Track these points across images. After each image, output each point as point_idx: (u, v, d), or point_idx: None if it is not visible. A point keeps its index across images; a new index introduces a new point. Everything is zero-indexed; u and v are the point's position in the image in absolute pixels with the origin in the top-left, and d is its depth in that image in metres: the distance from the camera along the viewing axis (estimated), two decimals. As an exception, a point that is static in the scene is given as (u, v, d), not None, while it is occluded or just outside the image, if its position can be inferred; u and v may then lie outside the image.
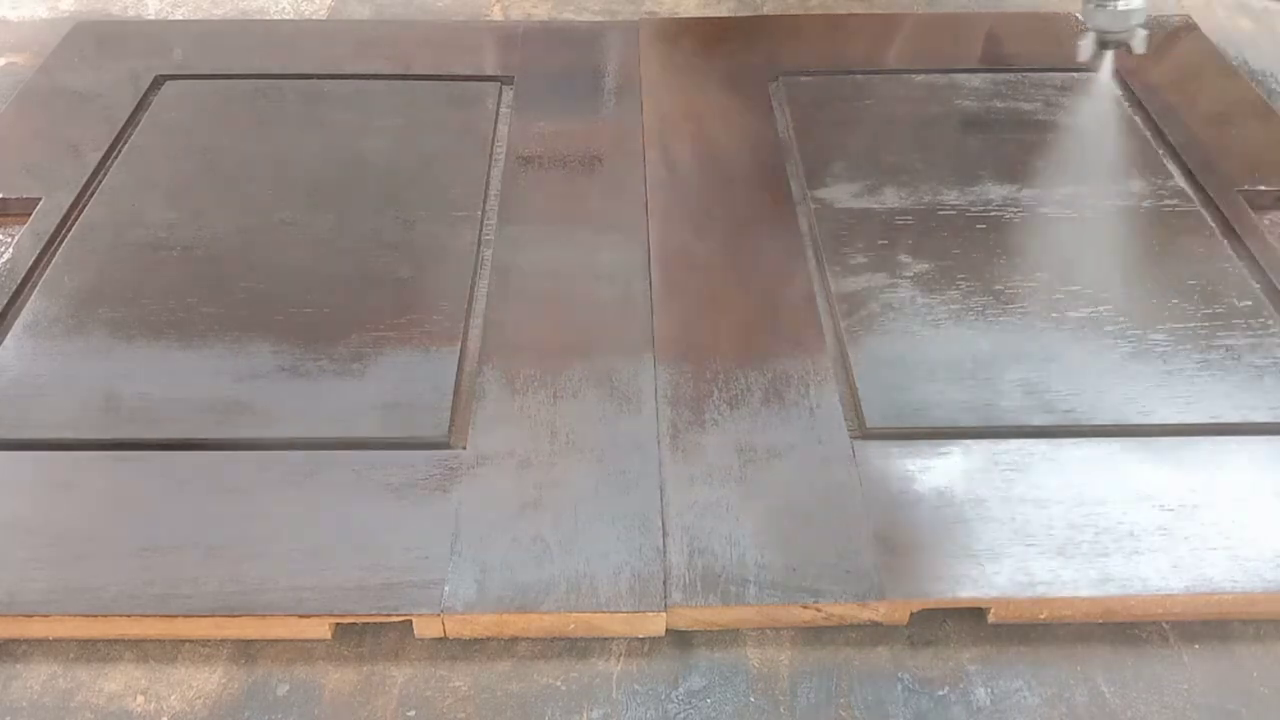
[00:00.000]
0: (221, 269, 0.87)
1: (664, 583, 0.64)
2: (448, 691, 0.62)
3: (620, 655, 0.64)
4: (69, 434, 0.73)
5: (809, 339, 0.81)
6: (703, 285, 0.86)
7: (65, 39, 1.17)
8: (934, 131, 1.04)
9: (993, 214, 0.93)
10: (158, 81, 1.09)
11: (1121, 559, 0.65)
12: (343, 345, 0.79)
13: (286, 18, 1.30)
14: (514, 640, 0.65)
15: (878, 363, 0.78)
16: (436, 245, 0.89)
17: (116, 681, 0.62)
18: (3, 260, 0.87)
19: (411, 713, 0.61)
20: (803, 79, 1.11)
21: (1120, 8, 1.01)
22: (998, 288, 0.85)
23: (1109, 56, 1.07)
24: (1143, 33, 1.02)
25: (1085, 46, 1.05)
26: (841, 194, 0.95)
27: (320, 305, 0.83)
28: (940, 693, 0.62)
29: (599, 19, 1.29)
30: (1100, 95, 1.08)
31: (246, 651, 0.64)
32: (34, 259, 0.87)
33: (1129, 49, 1.04)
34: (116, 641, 0.64)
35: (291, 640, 0.64)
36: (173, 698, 0.62)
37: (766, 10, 1.32)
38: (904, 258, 0.88)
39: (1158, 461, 0.72)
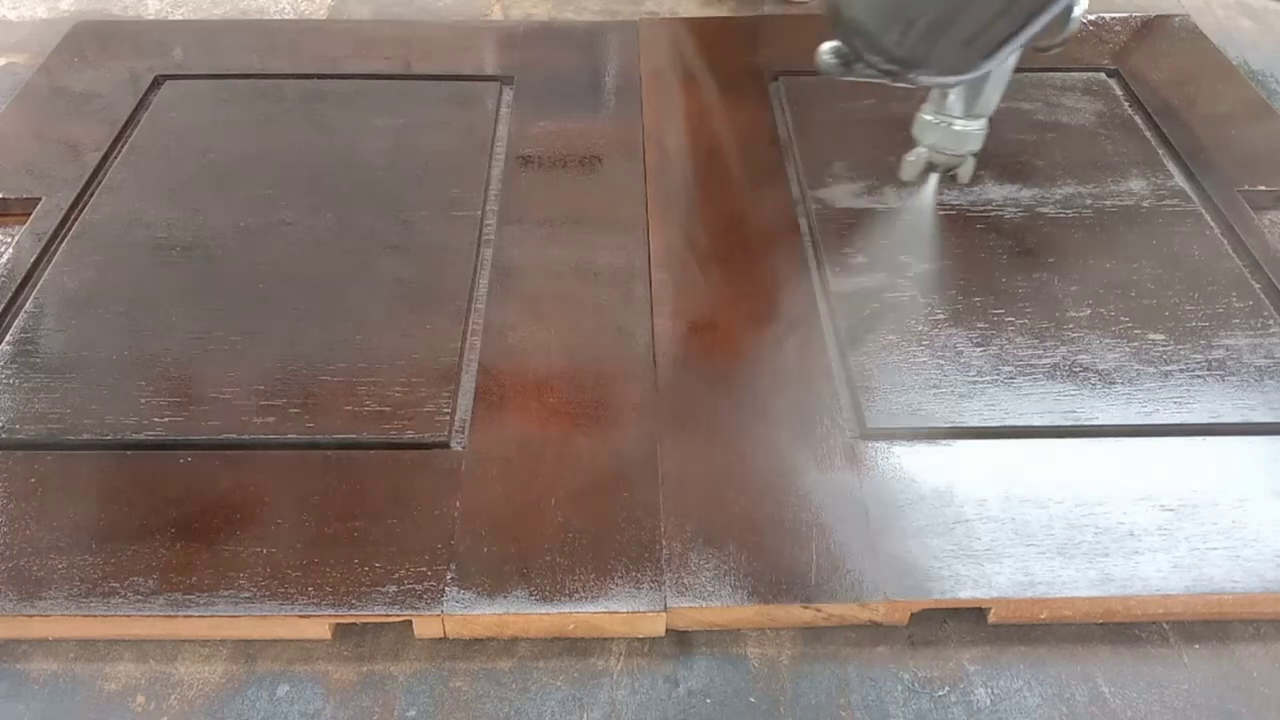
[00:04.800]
0: (221, 269, 0.87)
1: (664, 583, 0.64)
2: (448, 691, 0.62)
3: (620, 655, 0.64)
4: (68, 434, 0.73)
5: (809, 338, 0.81)
6: (703, 285, 0.86)
7: (65, 39, 1.17)
8: (934, 131, 1.03)
9: (993, 214, 0.93)
10: (158, 81, 1.09)
11: (1121, 559, 0.65)
12: (342, 345, 0.79)
13: (286, 18, 1.30)
14: (514, 640, 0.65)
15: (878, 363, 0.78)
16: (436, 245, 0.89)
17: (116, 681, 0.63)
18: (3, 260, 0.87)
19: (411, 713, 0.61)
20: (803, 79, 1.11)
21: (958, 128, 0.82)
22: (998, 288, 0.85)
23: (933, 180, 0.91)
24: (972, 162, 0.86)
25: (911, 165, 0.87)
26: (841, 194, 0.95)
27: (320, 305, 0.83)
28: (940, 693, 0.62)
29: (599, 19, 1.29)
30: (1100, 95, 1.08)
31: (246, 651, 0.64)
32: (34, 259, 0.87)
33: (954, 177, 0.87)
34: (116, 641, 0.64)
35: (291, 640, 0.64)
36: (173, 698, 0.62)
37: (766, 10, 1.32)
38: (904, 258, 0.88)
39: (1158, 461, 0.72)
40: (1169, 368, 0.78)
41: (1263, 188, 0.96)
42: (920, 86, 0.79)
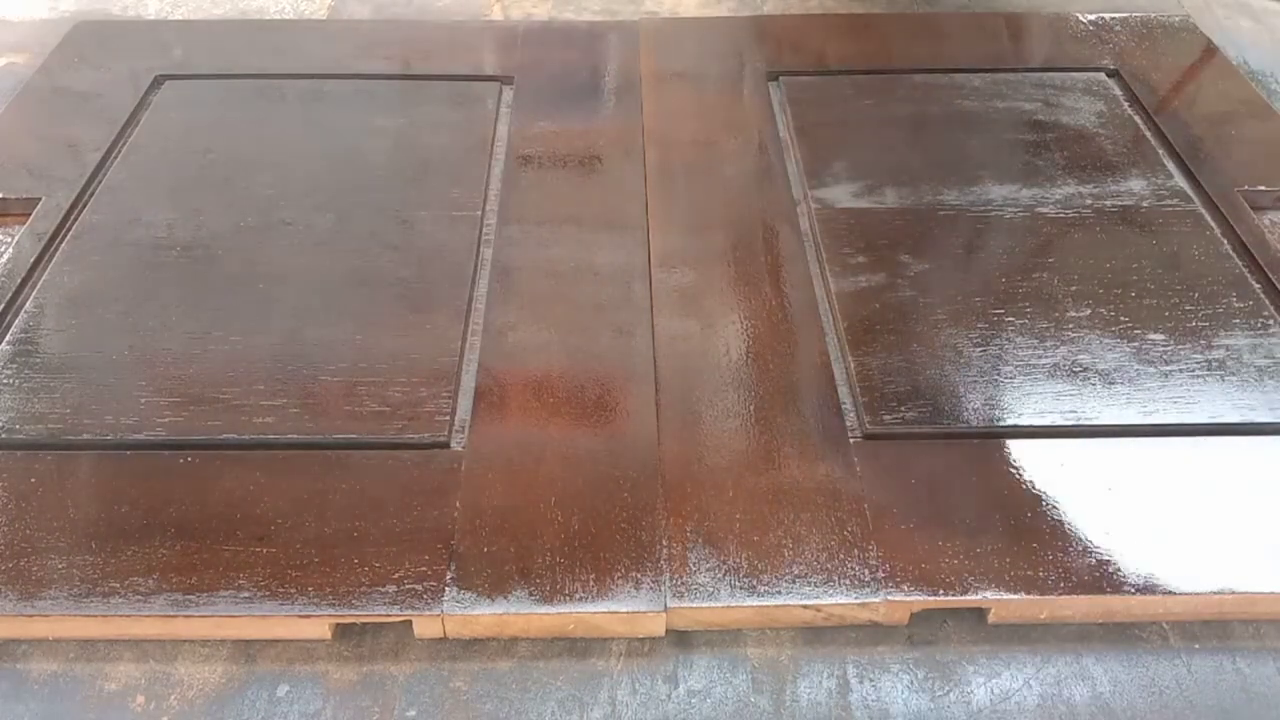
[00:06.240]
0: (221, 269, 0.87)
1: (664, 583, 0.64)
2: (448, 691, 0.62)
3: (620, 655, 0.64)
4: (68, 434, 0.73)
5: (809, 339, 0.81)
6: (703, 285, 0.86)
7: (65, 39, 1.17)
8: (934, 131, 1.04)
9: (993, 214, 0.93)
10: (158, 81, 1.10)
11: (1122, 559, 0.65)
12: (342, 345, 0.80)
13: (286, 17, 1.30)
14: (514, 640, 0.65)
15: (878, 363, 0.78)
16: (436, 245, 0.89)
17: (116, 681, 0.62)
18: (3, 260, 0.87)
19: (411, 713, 0.61)
20: (803, 79, 1.11)
21: None
22: (998, 288, 0.85)
23: None
24: None
25: None
26: (841, 194, 0.95)
27: (320, 305, 0.83)
28: (940, 693, 0.62)
29: (599, 19, 1.29)
30: (1100, 95, 1.08)
31: (246, 651, 0.64)
32: (34, 259, 0.87)
33: None
34: (116, 641, 0.64)
35: (291, 640, 0.64)
36: (172, 698, 0.62)
37: (766, 10, 1.32)
38: (904, 258, 0.88)
39: (1158, 461, 0.72)
40: (1169, 368, 0.78)
41: (1263, 188, 0.96)
42: None
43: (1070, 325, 0.82)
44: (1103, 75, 1.12)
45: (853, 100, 1.08)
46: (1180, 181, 0.97)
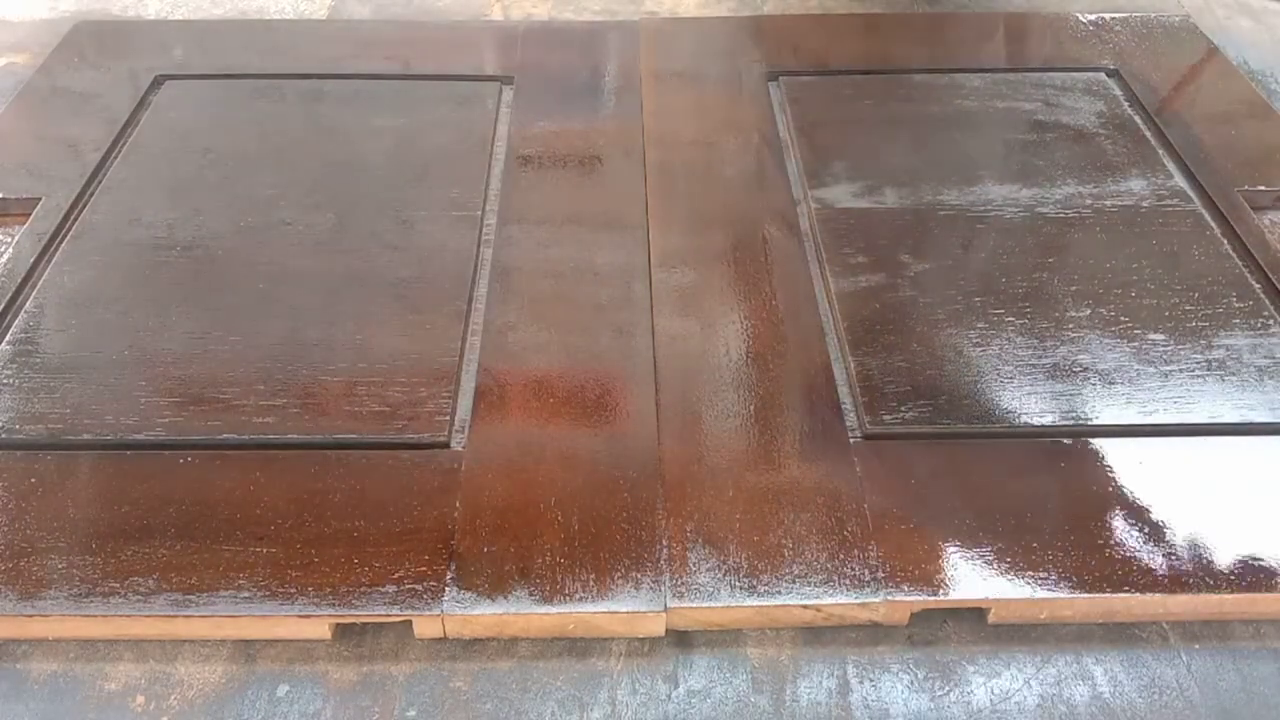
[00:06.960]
0: (221, 269, 0.87)
1: (664, 583, 0.64)
2: (448, 691, 0.62)
3: (620, 655, 0.64)
4: (68, 434, 0.73)
5: (809, 340, 0.81)
6: (702, 285, 0.86)
7: (65, 39, 1.17)
8: (934, 131, 1.04)
9: (993, 214, 0.93)
10: (158, 81, 1.10)
11: (1121, 559, 0.65)
12: (342, 345, 0.80)
13: (286, 18, 1.30)
14: (514, 640, 0.65)
15: (878, 363, 0.78)
16: (436, 245, 0.89)
17: (116, 681, 0.63)
18: (3, 260, 0.87)
19: (411, 712, 0.61)
20: (803, 79, 1.11)
21: None
22: (998, 288, 0.85)
23: None
24: None
25: None
26: (841, 194, 0.95)
27: (320, 305, 0.83)
28: (940, 693, 0.62)
29: (599, 19, 1.29)
30: (1100, 95, 1.08)
31: (246, 651, 0.64)
32: (34, 259, 0.87)
33: None
34: (116, 641, 0.64)
35: (291, 640, 0.64)
36: (172, 698, 0.62)
37: (766, 10, 1.32)
38: (904, 258, 0.88)
39: (1158, 461, 0.72)
40: (1169, 368, 0.78)
41: (1263, 188, 0.96)
42: None
43: (1070, 325, 0.82)
44: (1103, 75, 1.12)
45: (853, 100, 1.08)
46: (1180, 181, 0.97)
